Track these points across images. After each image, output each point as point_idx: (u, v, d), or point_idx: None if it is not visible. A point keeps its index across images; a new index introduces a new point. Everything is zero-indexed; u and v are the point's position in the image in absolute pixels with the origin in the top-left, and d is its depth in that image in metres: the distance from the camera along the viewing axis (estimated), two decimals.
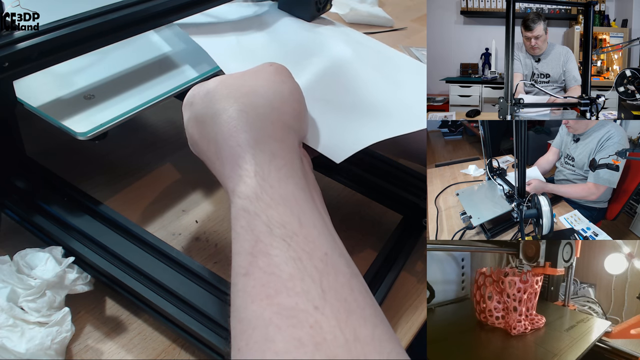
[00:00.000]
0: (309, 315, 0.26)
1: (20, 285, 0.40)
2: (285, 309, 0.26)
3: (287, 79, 0.40)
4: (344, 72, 0.53)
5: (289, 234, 0.29)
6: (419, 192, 0.53)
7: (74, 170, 0.54)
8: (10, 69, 0.40)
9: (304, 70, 0.51)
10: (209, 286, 0.42)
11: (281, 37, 0.59)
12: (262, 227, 0.30)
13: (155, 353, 0.42)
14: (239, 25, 0.59)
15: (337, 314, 0.26)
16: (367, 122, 0.46)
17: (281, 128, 0.36)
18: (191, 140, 0.39)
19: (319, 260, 0.28)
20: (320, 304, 0.26)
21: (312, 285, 0.27)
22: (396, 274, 0.48)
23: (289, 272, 0.27)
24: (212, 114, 0.36)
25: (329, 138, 0.42)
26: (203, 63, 0.56)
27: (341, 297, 0.27)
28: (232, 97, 0.36)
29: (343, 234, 0.33)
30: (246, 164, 0.33)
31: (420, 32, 1.08)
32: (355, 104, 0.49)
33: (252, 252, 0.29)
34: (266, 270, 0.28)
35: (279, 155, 0.34)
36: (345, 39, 0.61)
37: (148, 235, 0.45)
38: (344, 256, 0.31)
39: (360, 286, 0.29)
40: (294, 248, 0.29)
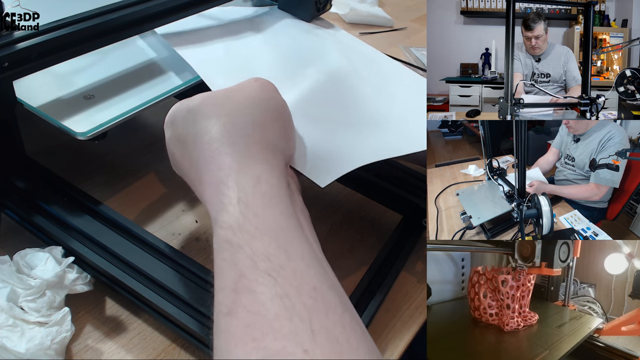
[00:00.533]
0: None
1: (20, 285, 0.40)
2: (272, 352, 0.24)
3: (273, 95, 0.38)
4: (338, 87, 0.51)
5: (275, 268, 0.27)
6: (419, 192, 0.53)
7: (74, 170, 0.54)
8: (10, 69, 0.40)
9: (297, 84, 0.49)
10: (209, 286, 0.41)
11: (277, 42, 0.58)
12: (246, 260, 0.28)
13: (155, 353, 0.42)
14: (234, 28, 0.58)
15: (328, 357, 0.24)
16: (359, 142, 0.45)
17: (266, 148, 0.34)
18: (173, 160, 0.37)
19: (308, 297, 0.26)
20: (310, 347, 0.24)
21: (301, 326, 0.25)
22: (396, 274, 0.48)
23: (275, 312, 0.25)
24: (193, 134, 0.34)
25: (315, 159, 0.40)
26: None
27: (333, 338, 0.25)
28: (214, 117, 0.34)
29: (343, 234, 0.33)
30: (228, 190, 0.31)
31: (420, 32, 1.08)
32: (348, 122, 0.47)
33: (235, 289, 0.27)
34: (250, 310, 0.26)
35: (264, 179, 0.32)
36: (342, 48, 0.60)
37: (148, 235, 0.45)
38: (334, 288, 0.29)
39: (353, 322, 0.27)
40: (281, 284, 0.27)
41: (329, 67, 0.54)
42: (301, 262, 0.28)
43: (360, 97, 0.51)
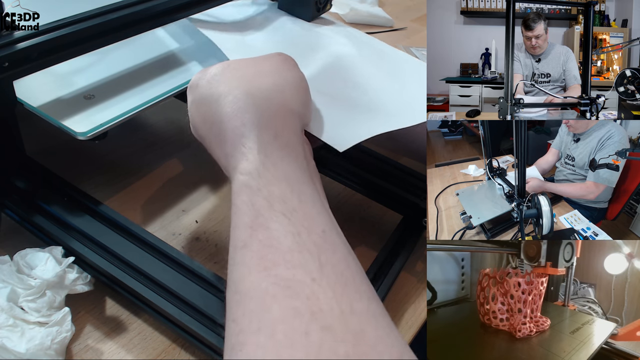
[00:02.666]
0: (305, 287, 0.26)
1: (20, 285, 0.40)
2: (283, 279, 0.26)
3: (293, 67, 0.40)
4: (345, 67, 0.54)
5: (289, 210, 0.30)
6: (419, 192, 0.53)
7: (74, 170, 0.54)
8: (10, 69, 0.40)
9: (307, 66, 0.51)
10: (209, 286, 0.42)
11: (281, 36, 0.59)
12: (263, 202, 0.30)
13: (155, 353, 0.42)
14: (239, 25, 0.59)
15: (333, 286, 0.26)
16: (370, 116, 0.47)
17: (285, 111, 0.36)
18: (193, 123, 0.39)
19: (317, 236, 0.29)
20: (317, 276, 0.27)
21: (310, 259, 0.27)
22: (396, 274, 0.48)
23: (288, 245, 0.28)
24: (217, 95, 0.36)
25: (332, 129, 0.42)
26: (204, 62, 0.55)
27: (338, 271, 0.28)
28: (237, 80, 0.36)
29: (343, 233, 0.33)
30: (249, 141, 0.33)
31: (420, 32, 1.08)
32: (357, 98, 0.49)
33: (251, 226, 0.29)
34: (265, 243, 0.28)
35: (283, 135, 0.34)
36: (347, 36, 0.61)
37: (148, 235, 0.45)
38: (340, 236, 0.31)
39: (356, 264, 0.30)
40: (294, 223, 0.29)
41: (336, 51, 0.56)
42: (312, 208, 0.31)
43: (369, 76, 0.53)
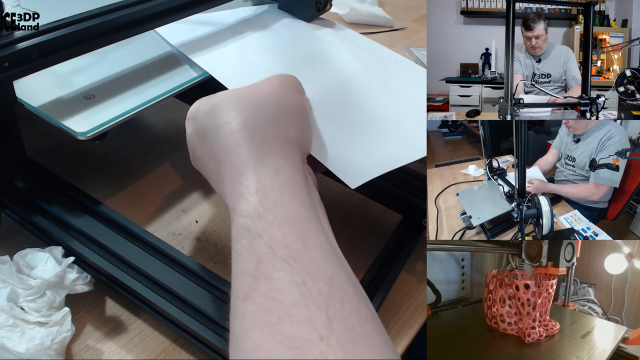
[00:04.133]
0: (313, 346, 0.24)
1: (20, 285, 0.40)
2: (288, 339, 0.24)
3: (292, 91, 0.39)
4: (350, 88, 0.52)
5: (292, 256, 0.28)
6: (419, 192, 0.53)
7: (74, 170, 0.54)
8: (10, 69, 0.40)
9: (311, 82, 0.50)
10: (209, 286, 0.42)
11: (282, 43, 0.58)
12: (264, 247, 0.28)
13: (155, 353, 0.42)
14: (238, 29, 0.58)
15: (343, 344, 0.24)
16: (383, 145, 0.46)
17: (283, 141, 0.35)
18: (193, 155, 0.38)
19: (324, 285, 0.27)
20: (325, 333, 0.25)
21: (317, 313, 0.25)
22: (396, 274, 0.48)
23: (292, 298, 0.26)
24: (214, 128, 0.35)
25: (343, 162, 0.41)
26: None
27: (348, 326, 0.25)
28: (234, 111, 0.35)
29: (343, 233, 0.33)
30: (247, 180, 0.32)
31: (420, 32, 1.08)
32: (365, 125, 0.48)
33: (252, 275, 0.27)
34: (268, 295, 0.26)
35: (283, 171, 0.33)
36: (346, 43, 0.60)
37: (148, 235, 0.45)
38: (350, 279, 0.29)
39: (368, 313, 0.28)
40: (298, 271, 0.27)
41: (337, 66, 0.55)
42: (318, 251, 0.29)
43: (373, 97, 0.52)
